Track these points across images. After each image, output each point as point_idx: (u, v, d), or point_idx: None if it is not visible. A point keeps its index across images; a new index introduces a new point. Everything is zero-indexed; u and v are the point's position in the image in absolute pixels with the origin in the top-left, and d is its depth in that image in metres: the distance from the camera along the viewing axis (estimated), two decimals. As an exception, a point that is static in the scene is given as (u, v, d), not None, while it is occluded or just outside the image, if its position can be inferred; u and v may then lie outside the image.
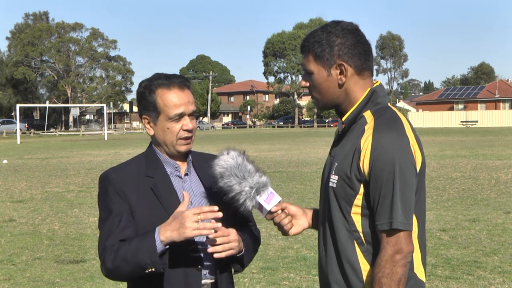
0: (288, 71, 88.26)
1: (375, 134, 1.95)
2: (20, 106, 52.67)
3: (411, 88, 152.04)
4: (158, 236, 2.03)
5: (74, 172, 17.97)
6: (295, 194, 12.14)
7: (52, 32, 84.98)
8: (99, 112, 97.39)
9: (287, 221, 2.19)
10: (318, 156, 22.64)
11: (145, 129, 2.28)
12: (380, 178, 1.92)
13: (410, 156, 1.94)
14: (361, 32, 2.09)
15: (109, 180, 2.21)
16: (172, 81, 2.22)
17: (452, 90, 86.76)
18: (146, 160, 2.27)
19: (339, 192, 2.01)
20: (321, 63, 2.06)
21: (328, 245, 2.08)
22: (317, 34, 2.08)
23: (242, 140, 40.86)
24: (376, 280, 1.90)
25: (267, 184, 2.12)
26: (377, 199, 1.93)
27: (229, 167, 2.09)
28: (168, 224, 2.03)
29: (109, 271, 2.11)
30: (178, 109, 2.19)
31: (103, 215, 2.19)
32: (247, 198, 2.08)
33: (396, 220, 1.89)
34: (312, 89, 2.12)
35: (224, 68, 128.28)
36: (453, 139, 35.86)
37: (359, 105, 2.06)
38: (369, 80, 2.10)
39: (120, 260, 2.07)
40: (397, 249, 1.90)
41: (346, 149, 2.03)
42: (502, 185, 13.03)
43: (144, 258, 2.03)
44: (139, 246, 2.04)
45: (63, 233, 8.65)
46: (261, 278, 6.11)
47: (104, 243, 2.13)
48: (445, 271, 6.22)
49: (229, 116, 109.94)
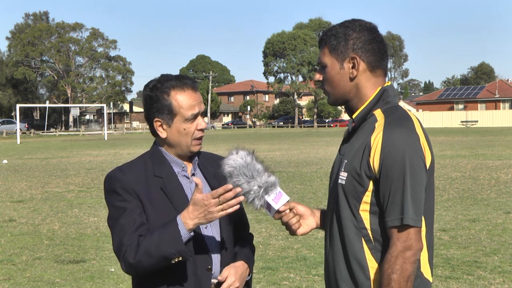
0: (288, 71, 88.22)
1: (385, 131, 1.96)
2: (20, 106, 52.66)
3: (411, 88, 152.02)
4: (182, 224, 2.04)
5: (74, 172, 17.97)
6: (295, 194, 12.13)
7: (52, 32, 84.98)
8: (99, 112, 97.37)
9: (295, 220, 2.20)
10: (318, 156, 22.64)
11: (158, 132, 2.24)
12: (391, 174, 1.92)
13: (421, 153, 1.96)
14: (378, 32, 2.12)
15: (117, 179, 2.20)
16: (185, 82, 2.22)
17: (452, 90, 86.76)
18: (152, 160, 2.26)
19: (348, 189, 2.02)
20: (335, 56, 2.09)
21: (336, 243, 2.08)
22: (334, 29, 2.12)
23: (242, 140, 40.85)
24: (386, 276, 1.90)
25: (275, 183, 2.13)
26: (387, 195, 1.94)
27: (238, 166, 2.10)
28: (191, 212, 2.04)
29: (131, 266, 2.09)
30: (194, 110, 2.20)
31: (115, 214, 2.17)
32: (256, 197, 2.09)
33: (407, 216, 1.90)
34: (325, 82, 2.14)
35: (224, 68, 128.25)
36: (453, 139, 35.85)
37: (369, 103, 2.07)
38: (381, 79, 2.11)
39: (142, 254, 2.06)
40: (407, 245, 1.90)
41: (356, 146, 2.04)
42: (502, 185, 13.03)
43: (169, 249, 2.03)
44: (162, 237, 2.04)
45: (63, 233, 8.65)
46: (261, 278, 6.11)
47: (122, 240, 2.11)
48: (445, 271, 6.22)
49: (229, 116, 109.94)
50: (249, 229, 2.53)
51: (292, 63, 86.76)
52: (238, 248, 2.36)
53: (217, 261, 2.23)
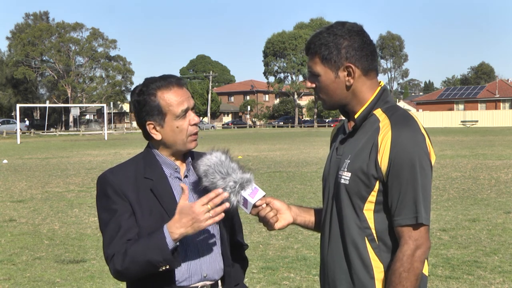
0: (288, 71, 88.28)
1: (394, 131, 1.97)
2: (20, 106, 52.66)
3: (411, 88, 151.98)
4: (168, 234, 2.03)
5: (74, 172, 17.97)
6: (295, 194, 12.14)
7: (53, 32, 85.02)
8: (99, 112, 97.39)
9: (272, 214, 2.19)
10: (318, 156, 22.63)
11: (152, 135, 2.22)
12: (401, 174, 1.94)
13: (428, 153, 1.99)
14: (366, 33, 2.11)
15: (107, 181, 2.19)
16: (170, 81, 2.21)
17: (452, 90, 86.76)
18: (144, 162, 2.25)
19: (352, 189, 2.02)
20: (328, 66, 2.07)
21: (336, 243, 2.08)
22: (323, 37, 2.08)
23: (242, 140, 40.86)
24: (397, 275, 1.92)
25: (251, 179, 2.14)
26: (397, 194, 1.95)
27: (212, 164, 2.11)
28: (177, 221, 2.03)
29: (119, 273, 2.10)
30: (182, 105, 2.19)
31: (105, 217, 2.17)
32: (232, 193, 2.09)
33: (420, 215, 1.93)
34: (319, 90, 2.13)
35: (224, 68, 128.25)
36: (453, 139, 35.86)
37: (370, 104, 2.08)
38: (375, 80, 2.12)
39: (130, 261, 2.06)
40: (419, 244, 1.93)
41: (358, 146, 2.04)
42: (502, 185, 13.03)
43: (155, 257, 2.03)
44: (149, 245, 2.04)
45: (63, 233, 8.65)
46: (261, 278, 6.11)
47: (110, 245, 2.11)
48: (445, 271, 6.22)
49: (229, 116, 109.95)
50: (242, 235, 2.52)
51: (292, 63, 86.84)
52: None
53: (213, 264, 2.23)
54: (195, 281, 2.19)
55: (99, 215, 2.21)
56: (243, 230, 2.66)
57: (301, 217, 2.30)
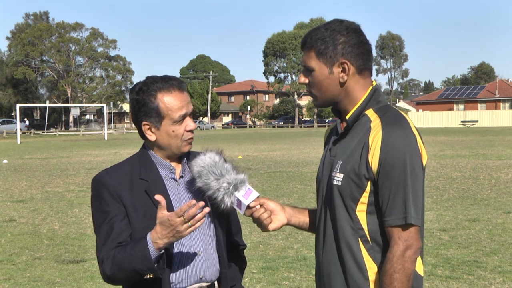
0: (288, 71, 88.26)
1: (384, 131, 1.96)
2: (20, 106, 52.65)
3: (411, 88, 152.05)
4: (151, 243, 2.02)
5: (74, 172, 17.97)
6: (295, 194, 12.14)
7: (52, 32, 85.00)
8: (99, 112, 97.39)
9: (266, 215, 2.17)
10: (318, 156, 22.62)
11: (146, 135, 2.21)
12: (392, 174, 1.93)
13: (419, 153, 1.97)
14: (363, 32, 2.10)
15: (102, 182, 2.18)
16: (171, 84, 2.18)
17: (452, 90, 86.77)
18: (140, 163, 2.24)
19: (345, 190, 2.01)
20: (323, 61, 2.06)
21: (330, 244, 2.08)
22: (320, 32, 2.07)
23: (242, 140, 40.86)
24: (388, 276, 1.91)
25: (244, 180, 2.13)
26: (388, 195, 1.94)
27: (206, 165, 2.10)
28: (159, 232, 2.00)
29: (108, 277, 2.11)
30: (181, 111, 2.17)
31: (98, 219, 2.16)
32: (225, 194, 2.09)
33: (410, 215, 1.91)
34: (312, 85, 2.11)
35: (224, 68, 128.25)
36: (453, 139, 35.86)
37: (361, 104, 2.07)
38: (368, 80, 2.11)
39: (117, 267, 2.06)
40: (409, 244, 1.91)
41: (351, 147, 2.03)
42: (502, 185, 13.03)
43: (139, 265, 2.02)
44: (133, 254, 2.03)
45: (63, 233, 8.65)
46: (261, 278, 6.11)
47: (102, 249, 2.11)
48: (445, 271, 6.22)
49: (229, 116, 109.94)
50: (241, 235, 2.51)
51: (292, 63, 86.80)
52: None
53: (209, 265, 2.22)
54: (191, 282, 2.18)
55: (93, 217, 2.20)
56: (243, 230, 2.65)
57: (295, 218, 2.29)
